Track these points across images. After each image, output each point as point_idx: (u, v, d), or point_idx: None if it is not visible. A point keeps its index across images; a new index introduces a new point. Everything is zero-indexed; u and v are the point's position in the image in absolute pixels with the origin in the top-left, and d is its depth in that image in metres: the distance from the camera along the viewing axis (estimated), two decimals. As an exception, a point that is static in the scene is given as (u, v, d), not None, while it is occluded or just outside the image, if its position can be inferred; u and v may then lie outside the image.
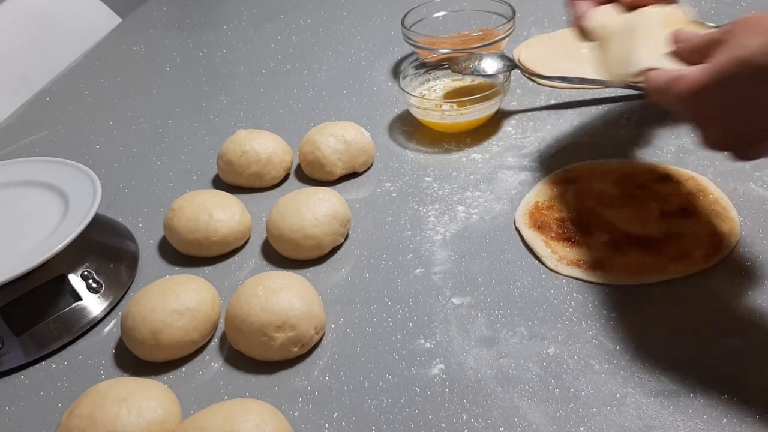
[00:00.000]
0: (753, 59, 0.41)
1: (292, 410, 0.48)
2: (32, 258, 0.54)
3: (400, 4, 0.97)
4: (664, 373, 0.46)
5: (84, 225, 0.56)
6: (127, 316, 0.53)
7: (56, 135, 0.88)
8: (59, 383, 0.53)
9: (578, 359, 0.48)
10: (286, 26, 1.11)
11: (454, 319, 0.53)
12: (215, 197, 0.64)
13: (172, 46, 1.11)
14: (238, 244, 0.63)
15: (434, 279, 0.57)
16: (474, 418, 0.45)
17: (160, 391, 0.47)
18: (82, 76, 1.04)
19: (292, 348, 0.50)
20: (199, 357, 0.53)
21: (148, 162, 0.79)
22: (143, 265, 0.63)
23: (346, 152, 0.70)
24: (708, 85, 0.43)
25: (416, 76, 0.80)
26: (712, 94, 0.43)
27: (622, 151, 0.68)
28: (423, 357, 0.50)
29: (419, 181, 0.69)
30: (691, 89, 0.44)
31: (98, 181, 0.62)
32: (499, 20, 0.87)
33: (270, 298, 0.51)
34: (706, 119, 0.46)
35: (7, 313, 0.54)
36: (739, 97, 0.43)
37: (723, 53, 0.43)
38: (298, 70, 0.96)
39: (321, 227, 0.59)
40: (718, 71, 0.43)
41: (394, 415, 0.46)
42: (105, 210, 0.70)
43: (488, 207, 0.64)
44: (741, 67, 0.42)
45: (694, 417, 0.43)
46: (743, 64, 0.41)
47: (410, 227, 0.63)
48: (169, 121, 0.88)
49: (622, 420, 0.43)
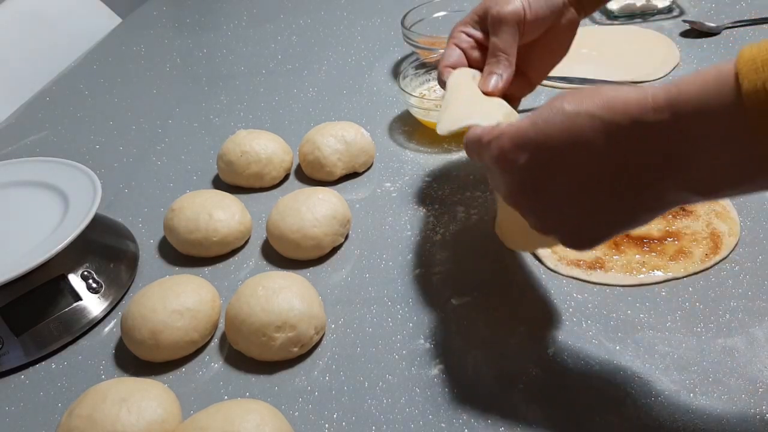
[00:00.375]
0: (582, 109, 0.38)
1: (292, 410, 0.48)
2: (32, 258, 0.54)
3: (400, 5, 0.97)
4: (664, 373, 0.46)
5: (84, 225, 0.56)
6: (127, 317, 0.53)
7: (56, 135, 0.88)
8: (59, 383, 0.53)
9: (578, 359, 0.48)
10: (286, 26, 1.11)
11: (454, 320, 0.53)
12: (215, 197, 0.64)
13: (172, 46, 1.11)
14: (238, 245, 0.63)
15: (434, 279, 0.57)
16: (474, 419, 0.45)
17: (160, 391, 0.47)
18: (82, 76, 1.04)
19: (292, 348, 0.50)
20: (199, 357, 0.53)
21: (148, 162, 0.79)
22: (143, 265, 0.63)
23: (346, 152, 0.70)
24: (528, 138, 0.40)
25: (416, 77, 0.80)
26: (533, 152, 0.40)
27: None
28: (423, 357, 0.50)
29: (419, 181, 0.69)
30: (506, 145, 0.41)
31: (98, 181, 0.62)
32: (499, 20, 0.87)
33: (270, 298, 0.51)
34: (522, 186, 0.42)
35: (8, 313, 0.54)
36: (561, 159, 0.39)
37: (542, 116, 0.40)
38: (298, 71, 0.96)
39: (321, 227, 0.59)
40: (540, 124, 0.39)
41: (394, 415, 0.46)
42: (105, 210, 0.70)
43: (488, 207, 0.64)
44: (565, 117, 0.39)
45: (694, 417, 0.43)
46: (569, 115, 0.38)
47: (410, 227, 0.63)
48: (169, 121, 0.88)
49: (622, 420, 0.43)
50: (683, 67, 0.80)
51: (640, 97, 0.36)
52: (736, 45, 0.83)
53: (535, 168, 0.41)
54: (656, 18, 0.93)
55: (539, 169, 0.41)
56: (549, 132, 0.40)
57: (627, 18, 0.94)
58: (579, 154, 0.39)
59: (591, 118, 0.38)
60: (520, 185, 0.43)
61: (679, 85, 0.35)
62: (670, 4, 0.93)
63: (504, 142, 0.42)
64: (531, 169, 0.41)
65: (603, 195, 0.39)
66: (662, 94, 0.36)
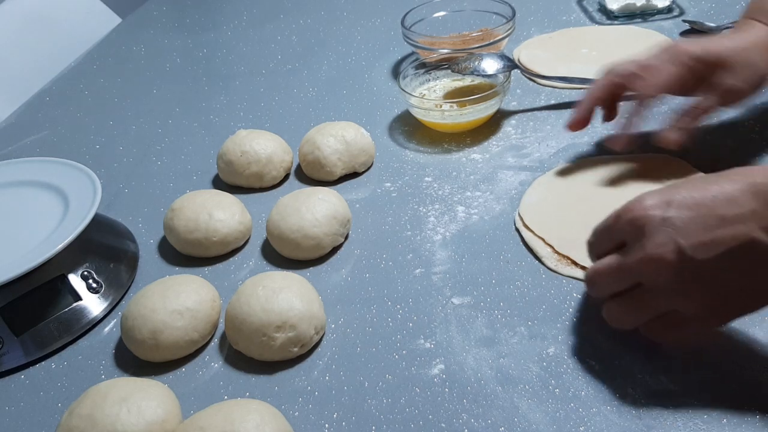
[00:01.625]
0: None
1: (292, 410, 0.48)
2: (32, 258, 0.54)
3: (400, 5, 0.97)
4: (664, 372, 0.46)
5: (84, 225, 0.56)
6: (127, 316, 0.53)
7: (56, 135, 0.88)
8: (59, 383, 0.53)
9: (578, 359, 0.48)
10: (286, 26, 1.11)
11: (454, 319, 0.53)
12: (215, 197, 0.64)
13: (172, 46, 1.11)
14: (238, 244, 0.63)
15: (434, 279, 0.57)
16: (474, 418, 0.45)
17: (160, 391, 0.47)
18: (82, 76, 1.04)
19: (292, 348, 0.50)
20: (199, 357, 0.53)
21: (148, 162, 0.79)
22: (143, 265, 0.63)
23: (346, 152, 0.70)
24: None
25: (416, 76, 0.80)
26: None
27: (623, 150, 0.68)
28: (423, 357, 0.50)
29: (419, 181, 0.69)
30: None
31: (98, 181, 0.62)
32: (499, 20, 0.87)
33: (270, 298, 0.51)
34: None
35: (8, 313, 0.54)
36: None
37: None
38: (298, 70, 0.96)
39: (321, 227, 0.59)
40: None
41: (394, 415, 0.46)
42: (105, 210, 0.70)
43: (488, 207, 0.64)
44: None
45: (693, 417, 0.43)
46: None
47: (410, 227, 0.63)
48: (169, 121, 0.88)
49: (622, 420, 0.43)
50: (683, 67, 0.80)
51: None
52: (736, 45, 0.83)
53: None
54: (656, 18, 0.93)
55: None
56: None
57: (627, 18, 0.94)
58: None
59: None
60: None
61: None
62: (670, 4, 0.93)
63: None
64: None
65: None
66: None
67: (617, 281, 0.45)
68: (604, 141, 0.59)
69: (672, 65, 0.59)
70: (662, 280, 0.42)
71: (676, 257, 0.41)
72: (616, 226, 0.45)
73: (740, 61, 0.57)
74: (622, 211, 0.44)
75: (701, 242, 0.41)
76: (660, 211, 0.42)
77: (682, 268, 0.41)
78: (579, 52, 0.87)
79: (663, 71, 0.59)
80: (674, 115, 0.59)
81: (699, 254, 0.41)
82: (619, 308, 0.45)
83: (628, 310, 0.45)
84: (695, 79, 0.59)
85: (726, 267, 0.41)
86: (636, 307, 0.45)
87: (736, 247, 0.40)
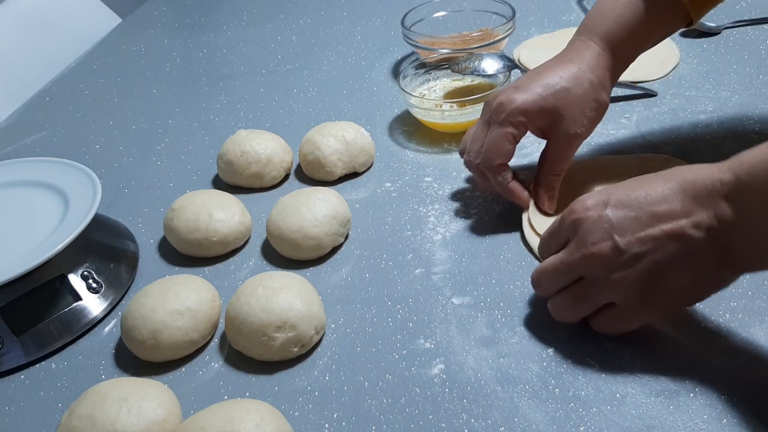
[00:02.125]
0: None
1: (292, 410, 0.48)
2: (32, 258, 0.54)
3: (400, 4, 0.97)
4: (664, 372, 0.46)
5: (84, 225, 0.56)
6: (127, 316, 0.53)
7: (56, 135, 0.88)
8: (59, 383, 0.53)
9: (578, 359, 0.48)
10: (286, 26, 1.11)
11: (454, 319, 0.53)
12: (215, 197, 0.64)
13: (172, 46, 1.11)
14: (238, 244, 0.63)
15: (434, 279, 0.57)
16: (474, 418, 0.45)
17: (160, 391, 0.47)
18: (82, 76, 1.04)
19: (292, 348, 0.50)
20: (199, 357, 0.53)
21: (148, 162, 0.79)
22: (143, 265, 0.63)
23: (346, 152, 0.70)
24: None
25: (416, 76, 0.80)
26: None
27: (621, 150, 0.68)
28: (423, 357, 0.50)
29: (419, 181, 0.69)
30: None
31: (98, 181, 0.62)
32: (499, 20, 0.87)
33: (270, 298, 0.51)
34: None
35: (8, 313, 0.54)
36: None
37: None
38: (298, 70, 0.96)
39: (321, 227, 0.59)
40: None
41: (394, 415, 0.46)
42: (105, 210, 0.70)
43: (488, 207, 0.64)
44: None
45: (694, 417, 0.43)
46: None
47: (410, 227, 0.63)
48: (169, 121, 0.88)
49: (622, 420, 0.43)
50: (683, 67, 0.80)
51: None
52: (736, 45, 0.83)
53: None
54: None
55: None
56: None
57: (627, 18, 0.94)
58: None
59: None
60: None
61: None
62: (670, 4, 0.93)
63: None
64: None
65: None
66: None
67: (560, 278, 0.47)
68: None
69: (508, 128, 0.58)
70: (600, 274, 0.45)
71: (613, 252, 0.44)
72: (561, 228, 0.48)
73: (568, 106, 0.57)
74: (566, 214, 0.47)
75: (636, 237, 0.43)
76: (598, 210, 0.45)
77: (618, 263, 0.44)
78: (579, 52, 0.87)
79: (499, 140, 0.58)
80: (541, 178, 0.60)
81: (633, 249, 0.43)
82: (563, 302, 0.48)
83: (570, 303, 0.48)
84: (538, 131, 0.59)
85: (659, 261, 0.43)
86: (577, 300, 0.47)
87: (668, 242, 0.43)
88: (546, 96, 0.57)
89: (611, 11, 0.59)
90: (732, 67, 0.79)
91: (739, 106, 0.71)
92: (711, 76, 0.78)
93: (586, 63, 0.58)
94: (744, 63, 0.79)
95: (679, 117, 0.72)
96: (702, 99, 0.74)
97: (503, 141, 0.58)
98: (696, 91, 0.75)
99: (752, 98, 0.73)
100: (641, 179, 0.46)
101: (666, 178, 0.44)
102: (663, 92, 0.76)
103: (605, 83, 0.59)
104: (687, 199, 0.43)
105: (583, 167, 0.65)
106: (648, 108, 0.74)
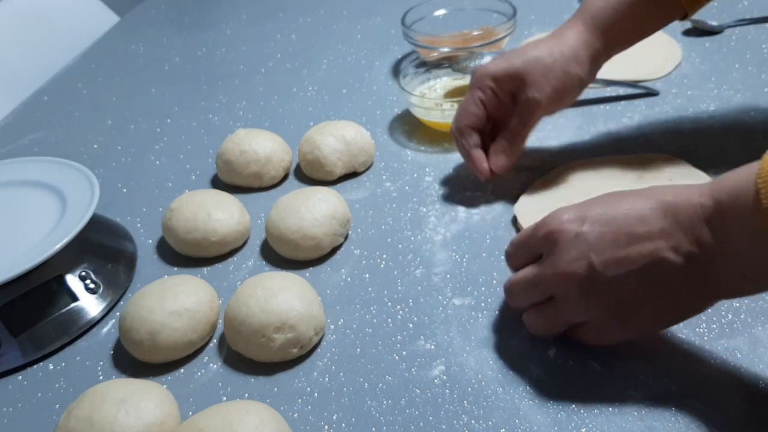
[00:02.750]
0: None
1: (292, 412, 0.47)
2: (30, 258, 0.53)
3: (401, 3, 0.97)
4: (666, 373, 0.46)
5: (82, 225, 0.56)
6: (125, 317, 0.53)
7: (54, 134, 0.88)
8: (57, 384, 0.52)
9: (579, 360, 0.47)
10: (286, 25, 1.11)
11: (455, 320, 0.52)
12: (214, 197, 0.63)
13: (170, 45, 1.10)
14: (237, 245, 0.63)
15: (435, 279, 0.56)
16: (475, 420, 0.45)
17: (159, 392, 0.47)
18: (80, 75, 1.04)
19: (291, 349, 0.50)
20: (198, 358, 0.53)
21: (147, 162, 0.79)
22: (141, 266, 0.63)
23: (345, 152, 0.69)
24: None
25: (416, 75, 0.80)
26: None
27: (623, 150, 0.67)
28: (423, 358, 0.50)
29: (419, 181, 0.69)
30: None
31: (96, 181, 0.61)
32: (500, 19, 0.87)
33: (269, 298, 0.50)
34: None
35: (5, 314, 0.54)
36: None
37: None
38: (297, 69, 0.96)
39: (320, 227, 0.59)
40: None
41: (394, 416, 0.46)
42: (103, 210, 0.70)
43: (489, 207, 0.64)
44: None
45: (695, 418, 0.43)
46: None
47: (410, 227, 0.63)
48: (167, 120, 0.87)
49: (624, 421, 0.43)
50: (685, 67, 0.80)
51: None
52: (739, 44, 0.83)
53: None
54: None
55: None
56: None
57: (628, 16, 0.93)
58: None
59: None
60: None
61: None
62: (671, 2, 0.93)
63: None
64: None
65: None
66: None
67: (532, 292, 0.46)
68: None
69: (477, 92, 0.61)
70: (573, 294, 0.44)
71: (587, 272, 0.43)
72: (533, 239, 0.47)
73: (534, 72, 0.59)
74: (540, 225, 0.46)
75: (612, 258, 0.42)
76: (575, 226, 0.44)
77: (592, 283, 0.43)
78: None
79: (468, 104, 0.62)
80: (498, 139, 0.62)
81: (609, 271, 0.42)
82: (536, 318, 0.47)
83: (544, 319, 0.47)
84: (508, 97, 0.61)
85: (634, 284, 0.42)
86: (550, 318, 0.46)
87: (645, 265, 0.41)
88: (516, 63, 0.60)
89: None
90: (734, 66, 0.78)
91: (742, 105, 0.71)
92: (713, 75, 0.77)
93: (565, 38, 0.60)
94: (746, 62, 0.79)
95: (681, 116, 0.71)
96: (704, 98, 0.74)
97: (471, 104, 0.61)
98: (698, 91, 0.75)
99: (754, 97, 0.72)
100: (620, 195, 0.45)
101: (646, 197, 0.43)
102: (665, 91, 0.76)
103: (581, 59, 0.59)
104: (667, 222, 0.41)
105: (583, 167, 0.65)
106: (650, 107, 0.74)
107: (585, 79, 0.60)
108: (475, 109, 0.61)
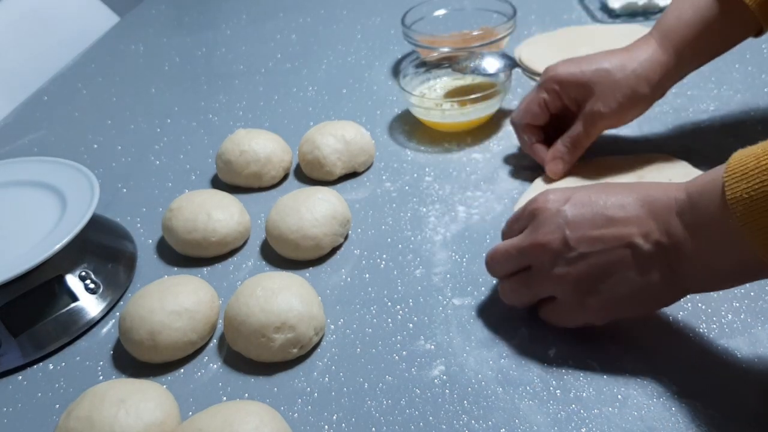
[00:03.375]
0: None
1: (292, 412, 0.47)
2: (30, 259, 0.53)
3: (401, 3, 0.97)
4: (666, 374, 0.46)
5: (82, 225, 0.56)
6: (125, 317, 0.52)
7: (54, 134, 0.88)
8: (57, 384, 0.52)
9: (580, 360, 0.47)
10: (286, 25, 1.11)
11: (455, 320, 0.52)
12: (214, 197, 0.63)
13: (170, 45, 1.10)
14: (236, 245, 0.63)
15: (435, 279, 0.56)
16: (475, 420, 0.45)
17: (159, 392, 0.47)
18: (79, 75, 1.04)
19: (291, 349, 0.50)
20: (198, 358, 0.53)
21: (147, 162, 0.79)
22: (141, 266, 0.63)
23: (345, 152, 0.69)
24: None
25: (416, 75, 0.80)
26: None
27: (623, 150, 0.67)
28: (423, 358, 0.50)
29: (419, 181, 0.69)
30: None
31: (96, 181, 0.61)
32: (500, 19, 0.87)
33: (269, 298, 0.50)
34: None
35: (5, 314, 0.54)
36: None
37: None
38: (297, 69, 0.96)
39: (320, 227, 0.59)
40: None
41: (394, 416, 0.46)
42: (103, 210, 0.70)
43: (489, 207, 0.63)
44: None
45: (695, 418, 0.43)
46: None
47: (410, 227, 0.63)
48: (167, 120, 0.87)
49: (624, 421, 0.43)
50: (684, 66, 0.80)
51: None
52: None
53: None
54: (658, 16, 0.92)
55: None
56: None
57: (629, 17, 0.93)
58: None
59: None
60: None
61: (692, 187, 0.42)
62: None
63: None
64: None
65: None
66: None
67: (510, 261, 0.49)
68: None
69: (542, 93, 0.63)
70: (546, 266, 0.46)
71: (560, 245, 0.45)
72: (521, 216, 0.50)
73: (602, 84, 0.59)
74: (528, 203, 0.49)
75: (585, 236, 0.44)
76: (557, 204, 0.46)
77: (564, 258, 0.45)
78: (580, 51, 0.87)
79: (532, 103, 0.64)
80: (558, 144, 0.63)
81: (581, 247, 0.44)
82: (510, 286, 0.50)
83: (515, 289, 0.49)
84: (573, 103, 0.62)
85: (603, 264, 0.44)
86: (521, 287, 0.49)
87: (616, 247, 0.44)
88: (585, 71, 0.60)
89: (679, 12, 0.60)
90: (734, 66, 0.78)
91: (742, 105, 0.71)
92: (713, 75, 0.77)
93: (637, 55, 0.60)
94: (746, 62, 0.79)
95: (681, 116, 0.71)
96: (704, 98, 0.74)
97: (534, 104, 0.63)
98: (698, 90, 0.75)
99: (754, 97, 0.72)
100: (607, 186, 0.47)
101: (630, 189, 0.45)
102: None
103: (651, 78, 0.59)
104: (643, 210, 0.43)
105: (584, 167, 0.65)
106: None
107: (653, 98, 0.60)
108: (537, 109, 0.63)
